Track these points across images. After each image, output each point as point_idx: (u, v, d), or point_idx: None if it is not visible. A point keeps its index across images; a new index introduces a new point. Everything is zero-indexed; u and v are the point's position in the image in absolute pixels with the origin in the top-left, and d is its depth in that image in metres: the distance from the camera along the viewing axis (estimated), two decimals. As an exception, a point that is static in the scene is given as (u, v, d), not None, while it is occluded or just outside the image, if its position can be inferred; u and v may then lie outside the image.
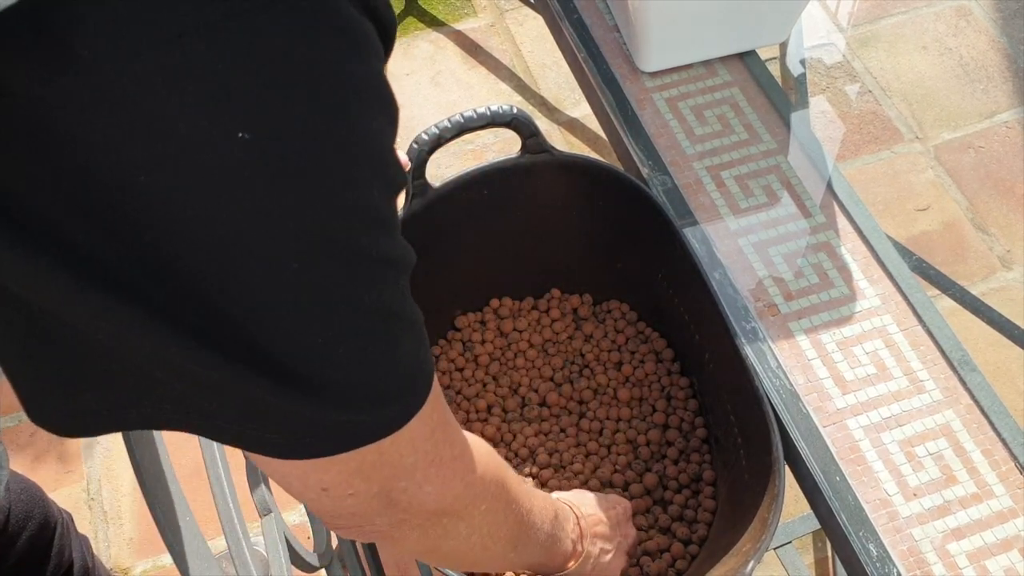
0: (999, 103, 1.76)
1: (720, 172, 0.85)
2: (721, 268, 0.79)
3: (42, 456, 1.38)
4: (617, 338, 0.89)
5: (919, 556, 0.66)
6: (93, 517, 1.34)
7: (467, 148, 1.68)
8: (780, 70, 1.04)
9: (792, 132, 0.88)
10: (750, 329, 0.76)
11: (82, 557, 0.94)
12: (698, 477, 0.80)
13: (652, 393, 0.85)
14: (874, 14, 1.90)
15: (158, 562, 1.30)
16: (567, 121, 1.77)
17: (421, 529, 0.45)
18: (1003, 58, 1.82)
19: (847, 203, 0.83)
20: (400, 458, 0.40)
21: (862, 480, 0.69)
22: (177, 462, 0.66)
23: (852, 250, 0.81)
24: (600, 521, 0.67)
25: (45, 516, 0.86)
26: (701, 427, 0.83)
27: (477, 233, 0.86)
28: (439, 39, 1.89)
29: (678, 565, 0.75)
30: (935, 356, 0.75)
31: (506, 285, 0.91)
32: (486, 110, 0.78)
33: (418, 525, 0.45)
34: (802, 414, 0.72)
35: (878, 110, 1.75)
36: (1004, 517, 0.67)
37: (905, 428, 0.71)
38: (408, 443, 0.39)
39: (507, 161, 0.82)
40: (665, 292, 0.84)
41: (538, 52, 1.86)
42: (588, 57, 0.93)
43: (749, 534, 0.66)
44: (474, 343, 0.89)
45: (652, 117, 0.89)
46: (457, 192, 0.82)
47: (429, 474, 0.42)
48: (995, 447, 0.70)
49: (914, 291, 0.78)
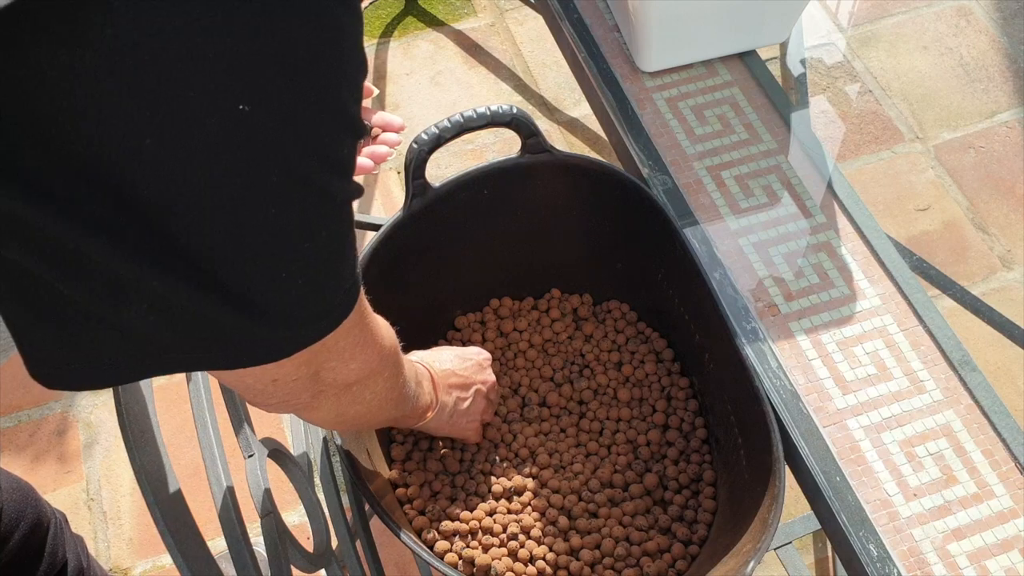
0: (999, 103, 1.76)
1: (720, 172, 0.85)
2: (721, 268, 0.79)
3: (41, 456, 1.38)
4: (617, 338, 0.89)
5: (919, 556, 0.66)
6: (92, 517, 1.34)
7: (467, 148, 1.68)
8: (780, 70, 1.04)
9: (792, 132, 0.88)
10: (750, 329, 0.76)
11: (76, 557, 0.94)
12: (698, 477, 0.80)
13: (652, 393, 0.85)
14: (874, 14, 1.90)
15: (158, 562, 1.30)
16: (567, 121, 1.76)
17: (336, 398, 0.53)
18: (1003, 58, 1.82)
19: (847, 203, 0.83)
20: (336, 344, 0.47)
21: (862, 480, 0.69)
22: (177, 462, 0.66)
23: (852, 250, 0.80)
24: (452, 374, 0.75)
25: (37, 516, 0.86)
26: (701, 427, 0.83)
27: (477, 233, 0.86)
28: (439, 39, 1.89)
29: (678, 566, 0.75)
30: (935, 356, 0.75)
31: (506, 285, 0.91)
32: (486, 110, 0.77)
33: (334, 395, 0.52)
34: (802, 414, 0.71)
35: (878, 110, 1.75)
36: (1004, 517, 0.67)
37: (905, 428, 0.71)
38: (344, 332, 0.46)
39: (507, 161, 0.82)
40: (665, 292, 0.84)
41: (538, 52, 1.86)
42: (588, 57, 0.93)
43: (749, 534, 0.66)
44: (474, 343, 0.89)
45: (652, 117, 0.89)
46: (457, 192, 0.82)
47: (355, 353, 0.50)
48: (995, 447, 0.70)
49: (914, 291, 0.78)
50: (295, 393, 0.49)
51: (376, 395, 0.57)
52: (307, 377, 0.48)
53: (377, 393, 0.57)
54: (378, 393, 0.57)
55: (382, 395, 0.58)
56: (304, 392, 0.50)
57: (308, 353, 0.44)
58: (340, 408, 0.55)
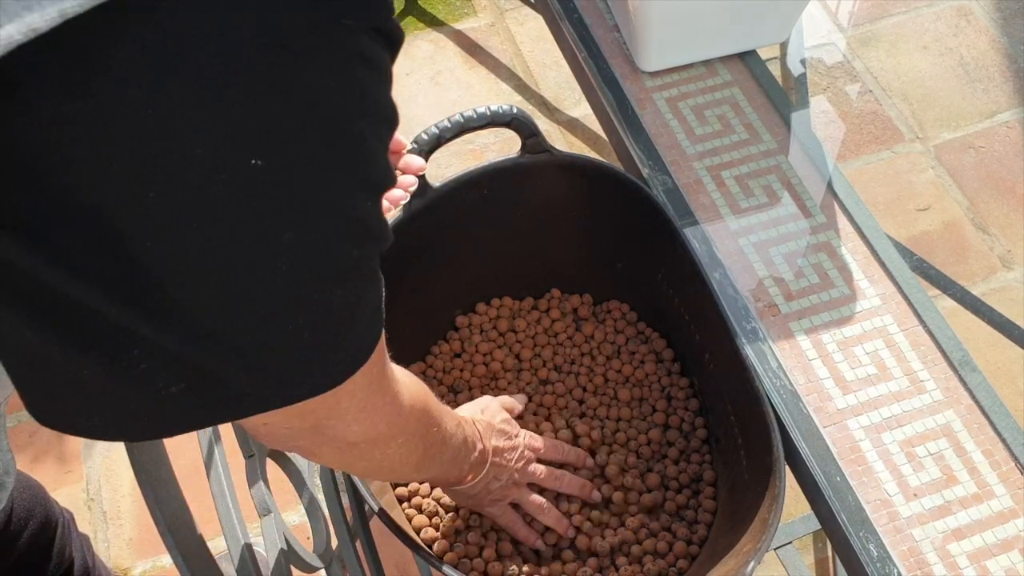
0: (999, 103, 1.76)
1: (720, 172, 0.85)
2: (721, 268, 0.79)
3: (41, 456, 1.38)
4: (617, 338, 0.89)
5: (920, 556, 0.66)
6: (93, 517, 1.34)
7: (467, 148, 1.68)
8: (780, 70, 1.04)
9: (792, 132, 0.88)
10: (750, 329, 0.76)
11: (82, 556, 0.94)
12: (699, 477, 0.80)
13: (652, 393, 0.85)
14: (874, 14, 1.90)
15: (158, 562, 1.30)
16: (567, 121, 1.76)
17: (338, 452, 0.50)
18: (1004, 58, 1.82)
19: (847, 203, 0.83)
20: (336, 404, 0.44)
21: (863, 480, 0.69)
22: (177, 462, 0.66)
23: (852, 250, 0.80)
24: (498, 452, 0.70)
25: (47, 515, 0.86)
26: (701, 427, 0.83)
27: (477, 233, 0.86)
28: (439, 39, 1.89)
29: (679, 565, 0.75)
30: (936, 356, 0.75)
31: (506, 285, 0.91)
32: (486, 110, 0.77)
33: (336, 448, 0.49)
34: (803, 414, 0.71)
35: (878, 110, 1.75)
36: (1005, 517, 0.67)
37: (906, 428, 0.71)
38: (347, 394, 0.43)
39: (507, 161, 0.82)
40: (665, 292, 0.84)
41: (538, 52, 1.86)
42: (588, 57, 0.93)
43: (749, 534, 0.66)
44: (474, 343, 0.89)
45: (652, 117, 0.89)
46: (457, 192, 0.82)
47: (359, 416, 0.46)
48: (996, 447, 0.70)
49: (915, 291, 0.78)
50: (290, 438, 0.47)
51: (388, 457, 0.54)
52: (303, 428, 0.45)
53: (389, 456, 0.54)
54: (390, 456, 0.54)
55: (395, 459, 0.55)
56: (301, 439, 0.47)
57: (300, 407, 0.40)
58: (344, 461, 0.53)
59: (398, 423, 0.51)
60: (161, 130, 0.28)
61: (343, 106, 0.32)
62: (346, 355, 0.40)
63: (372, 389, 0.46)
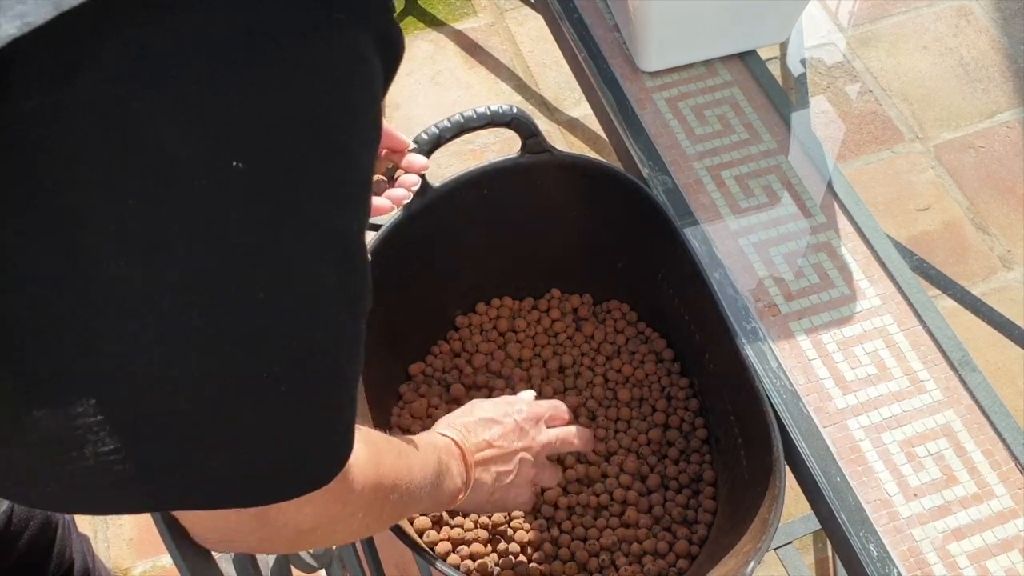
0: (999, 103, 1.76)
1: (720, 172, 0.85)
2: (721, 268, 0.79)
3: (42, 456, 1.38)
4: (617, 338, 0.89)
5: (920, 556, 0.66)
6: (93, 518, 1.34)
7: (467, 148, 1.68)
8: (780, 70, 1.04)
9: (792, 132, 0.88)
10: (750, 329, 0.76)
11: (83, 557, 0.94)
12: (699, 477, 0.80)
13: (652, 393, 0.85)
14: (874, 14, 1.90)
15: (158, 562, 1.30)
16: (567, 121, 1.76)
17: (291, 543, 0.46)
18: (1003, 58, 1.82)
19: (847, 203, 0.83)
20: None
21: (862, 480, 0.69)
22: (177, 462, 0.65)
23: (852, 250, 0.80)
24: (488, 445, 0.65)
25: (47, 516, 0.86)
26: (701, 427, 0.83)
27: (477, 233, 0.86)
28: (439, 39, 1.89)
29: (679, 565, 0.75)
30: (936, 356, 0.75)
31: (506, 285, 0.91)
32: (486, 110, 0.77)
33: (287, 540, 0.44)
34: (803, 414, 0.71)
35: (878, 110, 1.75)
36: (1005, 517, 0.67)
37: (906, 428, 0.71)
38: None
39: (507, 161, 0.82)
40: (665, 292, 0.84)
41: (538, 52, 1.86)
42: (588, 57, 0.93)
43: (749, 534, 0.66)
44: (474, 343, 0.89)
45: (652, 117, 0.89)
46: (457, 192, 0.82)
47: (312, 498, 0.40)
48: (996, 447, 0.70)
49: (915, 291, 0.78)
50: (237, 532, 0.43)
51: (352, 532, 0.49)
52: (250, 516, 0.41)
53: (353, 531, 0.49)
54: (354, 531, 0.49)
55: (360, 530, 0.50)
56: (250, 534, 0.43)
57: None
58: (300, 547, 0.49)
59: (352, 500, 0.45)
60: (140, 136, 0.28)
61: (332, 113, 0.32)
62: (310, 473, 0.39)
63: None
